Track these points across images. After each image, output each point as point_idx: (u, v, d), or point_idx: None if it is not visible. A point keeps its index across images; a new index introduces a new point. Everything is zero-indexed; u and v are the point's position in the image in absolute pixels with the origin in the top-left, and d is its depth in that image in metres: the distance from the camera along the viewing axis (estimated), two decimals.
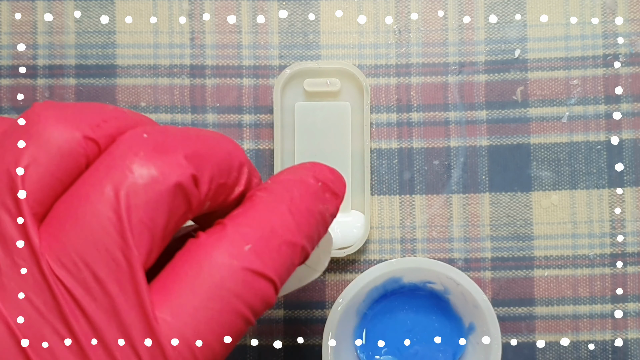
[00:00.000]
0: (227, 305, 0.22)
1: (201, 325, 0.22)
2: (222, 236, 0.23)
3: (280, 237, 0.24)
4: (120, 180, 0.21)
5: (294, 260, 0.24)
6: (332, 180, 0.26)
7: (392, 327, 0.38)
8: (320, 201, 0.26)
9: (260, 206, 0.24)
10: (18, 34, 0.39)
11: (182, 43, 0.39)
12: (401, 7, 0.39)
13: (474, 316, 0.36)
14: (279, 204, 0.24)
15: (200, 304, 0.22)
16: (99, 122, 0.23)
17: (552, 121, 0.39)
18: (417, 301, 0.38)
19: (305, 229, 0.24)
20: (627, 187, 0.38)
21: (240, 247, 0.23)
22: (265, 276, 0.23)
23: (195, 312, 0.22)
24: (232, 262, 0.22)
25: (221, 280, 0.22)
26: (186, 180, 0.22)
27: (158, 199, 0.22)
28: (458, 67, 0.39)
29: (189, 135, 0.24)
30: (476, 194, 0.39)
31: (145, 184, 0.21)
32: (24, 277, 0.21)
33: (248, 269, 0.23)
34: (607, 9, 0.39)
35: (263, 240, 0.23)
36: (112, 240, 0.21)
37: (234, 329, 0.23)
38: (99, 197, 0.21)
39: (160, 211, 0.22)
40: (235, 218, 0.24)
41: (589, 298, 0.38)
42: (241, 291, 0.23)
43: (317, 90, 0.38)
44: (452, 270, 0.35)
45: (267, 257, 0.23)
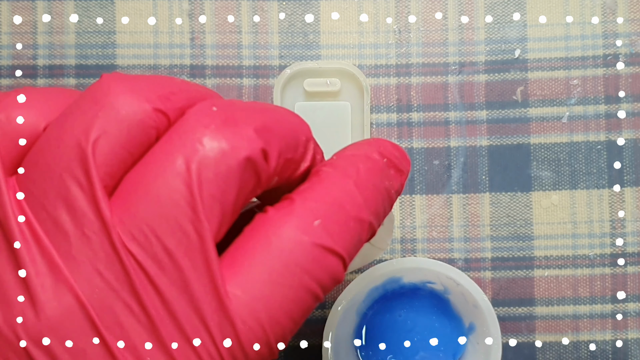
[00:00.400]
0: (297, 281, 0.22)
1: (271, 300, 0.22)
2: (291, 211, 0.23)
3: (348, 213, 0.23)
4: (192, 153, 0.21)
5: (362, 236, 0.24)
6: (396, 157, 0.26)
7: (392, 327, 0.38)
8: (385, 177, 0.25)
9: (327, 181, 0.24)
10: (18, 34, 0.39)
11: (182, 43, 0.39)
12: (401, 7, 0.39)
13: (474, 316, 0.36)
14: (346, 180, 0.24)
15: (271, 279, 0.22)
16: (168, 94, 0.23)
17: (552, 121, 0.39)
18: (417, 301, 0.38)
19: (372, 205, 0.24)
20: (627, 187, 0.38)
21: (309, 223, 0.23)
22: (335, 252, 0.23)
23: (266, 288, 0.22)
24: (302, 238, 0.22)
25: (291, 256, 0.22)
26: (256, 154, 0.22)
27: (229, 172, 0.21)
28: (458, 67, 0.39)
29: (257, 108, 0.23)
30: (476, 194, 0.39)
31: (216, 157, 0.21)
32: (94, 250, 0.21)
33: (318, 245, 0.22)
34: (607, 9, 0.39)
35: (332, 215, 0.23)
36: (184, 213, 0.21)
37: (303, 305, 0.23)
38: (170, 169, 0.21)
39: (231, 185, 0.22)
40: (303, 193, 0.23)
41: (589, 298, 0.38)
42: (311, 267, 0.22)
43: (317, 90, 0.38)
44: (452, 270, 0.35)
45: (336, 233, 0.23)
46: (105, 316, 0.21)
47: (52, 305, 0.21)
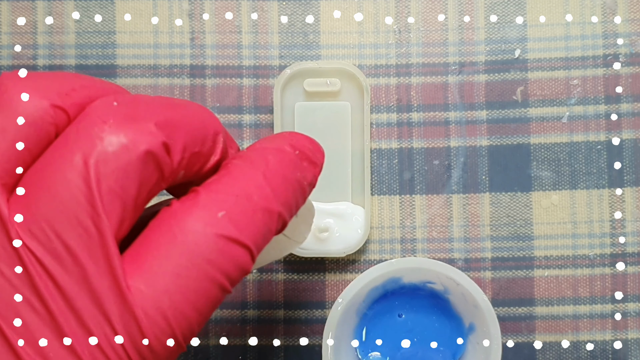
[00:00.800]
0: (201, 273, 0.22)
1: (175, 293, 0.22)
2: (195, 203, 0.23)
3: (256, 204, 0.23)
4: (90, 148, 0.21)
5: (270, 227, 0.24)
6: (309, 149, 0.26)
7: (392, 327, 0.38)
8: (297, 169, 0.25)
9: (235, 173, 0.24)
10: (18, 34, 0.39)
11: (182, 43, 0.39)
12: (401, 7, 0.39)
13: (474, 316, 0.36)
14: (254, 171, 0.24)
15: (174, 271, 0.22)
16: (68, 90, 0.22)
17: (552, 121, 0.39)
18: (417, 301, 0.38)
19: (281, 196, 0.24)
20: (627, 187, 0.38)
21: (213, 214, 0.23)
22: (240, 242, 0.23)
23: (169, 280, 0.22)
24: (205, 229, 0.22)
25: (195, 248, 0.22)
26: (157, 147, 0.22)
27: (128, 166, 0.21)
28: (458, 67, 0.39)
29: (161, 103, 0.23)
30: (476, 194, 0.39)
31: (114, 152, 0.21)
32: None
33: (222, 236, 0.22)
34: (607, 9, 0.39)
35: (237, 206, 0.23)
36: (82, 208, 0.21)
37: (210, 296, 0.23)
38: (69, 166, 0.21)
39: (131, 179, 0.21)
40: (209, 185, 0.23)
41: (589, 298, 0.38)
42: (216, 258, 0.22)
43: (317, 90, 0.38)
44: (452, 270, 0.35)
45: (242, 224, 0.23)
46: (6, 313, 0.21)
47: None
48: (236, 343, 0.39)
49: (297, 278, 0.39)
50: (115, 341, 0.21)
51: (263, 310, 0.39)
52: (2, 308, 0.21)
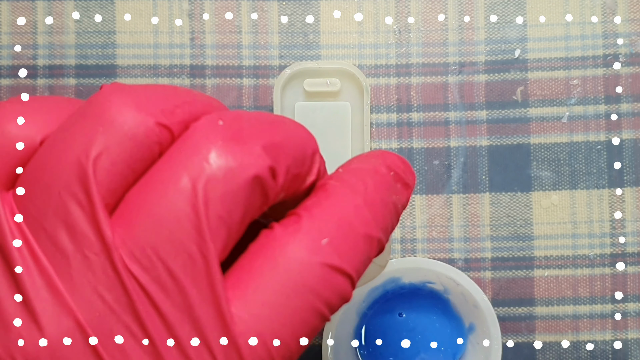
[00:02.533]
0: (304, 303, 0.22)
1: (278, 323, 0.21)
2: (298, 229, 0.22)
3: (357, 231, 0.23)
4: (198, 171, 0.20)
5: (370, 254, 0.23)
6: (403, 170, 0.25)
7: (392, 327, 0.38)
8: (393, 192, 0.25)
9: (335, 197, 0.23)
10: (18, 34, 0.39)
11: (182, 43, 0.39)
12: (401, 7, 0.39)
13: (474, 316, 0.36)
14: (354, 195, 0.23)
15: (277, 300, 0.21)
16: (172, 107, 0.22)
17: (552, 121, 0.39)
18: (417, 301, 0.38)
19: (380, 221, 0.24)
20: (627, 187, 0.38)
21: (317, 241, 0.22)
22: (343, 271, 0.22)
23: (272, 310, 0.21)
24: (309, 258, 0.22)
25: (298, 277, 0.22)
26: (264, 172, 0.21)
27: (236, 192, 0.21)
28: (458, 67, 0.39)
29: (264, 121, 0.23)
30: (476, 194, 0.39)
31: (223, 176, 0.21)
32: (95, 272, 0.20)
33: (326, 265, 0.22)
34: (607, 9, 0.39)
35: (340, 233, 0.22)
36: (188, 235, 0.20)
37: (311, 326, 0.22)
38: (175, 188, 0.20)
39: (238, 204, 0.21)
40: (309, 209, 0.23)
41: (589, 298, 0.38)
42: (319, 287, 0.22)
43: (317, 90, 0.38)
44: (452, 270, 0.35)
45: (345, 252, 0.22)
46: (106, 340, 0.20)
47: (52, 329, 0.20)
48: None
49: None
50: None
51: None
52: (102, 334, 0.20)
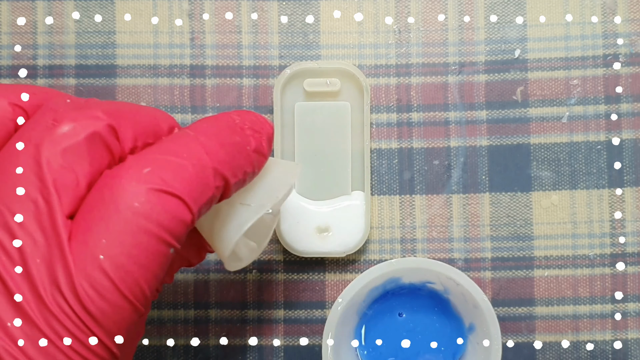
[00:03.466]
0: (136, 226, 0.23)
1: (113, 248, 0.23)
2: (121, 166, 0.24)
3: (184, 159, 0.25)
4: (41, 134, 0.24)
5: (206, 180, 0.25)
6: (251, 120, 0.28)
7: (392, 327, 0.38)
8: (234, 133, 0.27)
9: (167, 139, 0.26)
10: (18, 34, 0.39)
11: (182, 43, 0.39)
12: (401, 7, 0.39)
13: (474, 316, 0.36)
14: (185, 134, 0.26)
15: (110, 228, 0.23)
16: (25, 92, 0.25)
17: (552, 121, 0.39)
18: (417, 301, 0.38)
19: (216, 153, 0.25)
20: (627, 187, 0.38)
21: (139, 171, 0.24)
22: (170, 193, 0.24)
23: (106, 237, 0.23)
24: (130, 185, 0.24)
25: (126, 204, 0.23)
26: (103, 129, 0.24)
27: (77, 146, 0.24)
28: (458, 67, 0.39)
29: (114, 102, 0.26)
30: (476, 194, 0.39)
31: (63, 135, 0.24)
32: None
33: (151, 189, 0.24)
34: (607, 9, 0.39)
35: (164, 162, 0.24)
36: (33, 185, 0.23)
37: (151, 249, 0.24)
38: (22, 152, 0.24)
39: (81, 157, 0.24)
40: (138, 151, 0.25)
41: (589, 298, 0.38)
42: (147, 210, 0.23)
43: (317, 90, 0.38)
44: (452, 270, 0.35)
45: (170, 176, 0.24)
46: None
47: None
48: (236, 343, 0.39)
49: (297, 278, 0.39)
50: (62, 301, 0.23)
51: (263, 310, 0.39)
52: None
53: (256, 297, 0.39)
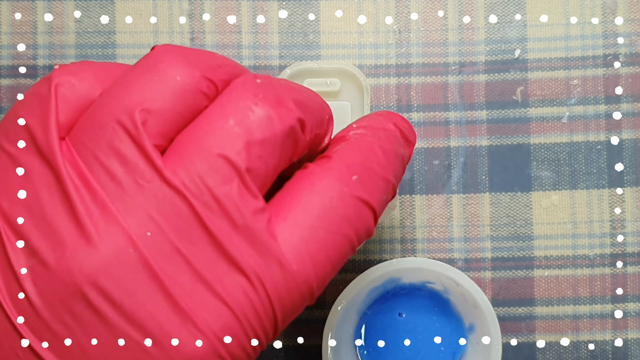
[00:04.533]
0: (338, 228, 0.24)
1: (314, 243, 0.23)
2: (331, 166, 0.25)
3: (378, 173, 0.25)
4: (243, 116, 0.23)
5: (387, 195, 0.26)
6: (406, 128, 0.28)
7: (392, 327, 0.38)
8: (400, 145, 0.27)
9: (357, 144, 0.26)
10: (18, 34, 0.39)
11: (182, 43, 0.39)
12: (401, 7, 0.39)
13: (474, 316, 0.36)
14: (372, 144, 0.26)
15: (315, 224, 0.24)
16: (215, 66, 0.24)
17: (552, 121, 0.39)
18: (417, 301, 0.38)
19: (394, 168, 0.26)
20: (627, 187, 0.38)
21: (348, 177, 0.24)
22: (370, 205, 0.25)
23: (310, 231, 0.23)
24: (342, 189, 0.24)
25: (333, 204, 0.24)
26: (297, 124, 0.24)
27: (275, 137, 0.23)
28: (458, 67, 0.39)
29: (291, 85, 0.25)
30: (476, 194, 0.39)
31: (265, 123, 0.23)
32: (146, 196, 0.22)
33: (356, 197, 0.24)
34: (607, 9, 0.39)
35: (366, 173, 0.25)
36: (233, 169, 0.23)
37: (342, 251, 0.24)
38: (223, 128, 0.23)
39: (275, 149, 0.23)
40: (337, 152, 0.25)
41: (589, 298, 0.38)
42: (350, 216, 0.24)
43: (317, 90, 0.38)
44: (452, 270, 0.35)
45: (370, 189, 0.25)
46: (158, 257, 0.22)
47: (106, 245, 0.22)
48: None
49: None
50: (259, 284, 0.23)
51: None
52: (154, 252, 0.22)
53: None
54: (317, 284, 0.24)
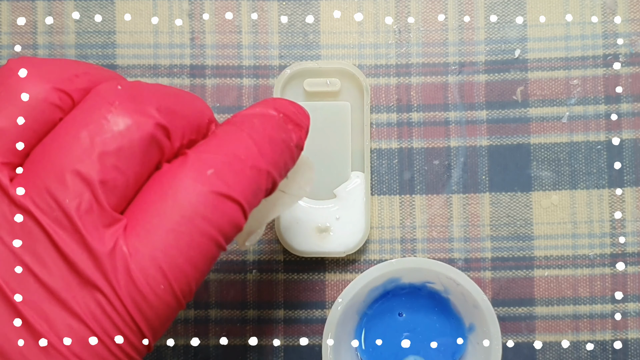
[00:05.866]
0: (194, 228, 0.23)
1: (170, 247, 0.23)
2: (184, 163, 0.24)
3: (243, 162, 0.24)
4: (97, 128, 0.23)
5: (259, 184, 0.25)
6: (293, 112, 0.27)
7: (392, 327, 0.38)
8: (282, 130, 0.26)
9: (222, 136, 0.25)
10: (18, 34, 0.39)
11: (182, 43, 0.39)
12: (401, 7, 0.39)
13: (474, 316, 0.36)
14: (241, 133, 0.25)
15: (168, 227, 0.23)
16: (71, 76, 0.24)
17: (552, 121, 0.39)
18: (417, 301, 0.38)
19: (268, 155, 0.25)
20: (627, 187, 0.38)
21: (203, 172, 0.24)
22: (231, 198, 0.24)
23: (164, 236, 0.23)
24: (195, 186, 0.23)
25: (187, 204, 0.23)
26: (157, 130, 0.23)
27: (131, 146, 0.23)
28: (458, 67, 0.39)
29: (160, 90, 0.24)
30: (476, 194, 0.39)
31: (119, 132, 0.23)
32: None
33: (213, 192, 0.23)
34: (607, 9, 0.39)
35: (225, 164, 0.24)
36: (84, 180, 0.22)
37: (204, 251, 0.23)
38: (75, 142, 0.22)
39: (134, 158, 0.23)
40: (197, 148, 0.25)
41: (589, 298, 0.38)
42: (208, 213, 0.23)
43: (317, 90, 0.38)
44: (452, 270, 0.35)
45: (231, 180, 0.24)
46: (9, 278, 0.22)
47: None
48: (236, 343, 0.39)
49: (297, 278, 0.39)
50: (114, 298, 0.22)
51: (263, 310, 0.39)
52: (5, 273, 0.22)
53: (256, 297, 0.39)
54: (179, 289, 0.23)
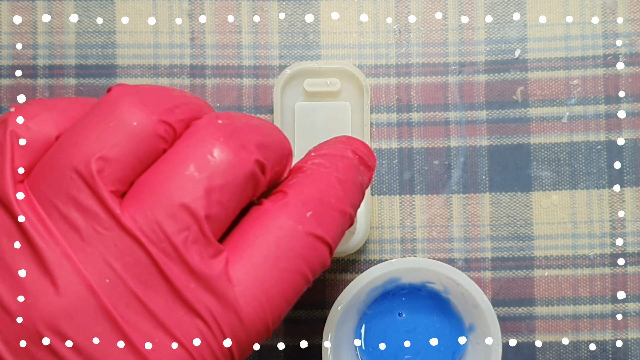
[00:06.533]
0: (292, 266, 0.25)
1: (270, 283, 0.24)
2: (286, 203, 0.25)
3: (334, 206, 0.26)
4: (203, 162, 0.23)
5: (344, 226, 0.27)
6: (365, 154, 0.29)
7: (392, 327, 0.38)
8: (359, 173, 0.28)
9: (313, 177, 0.26)
10: (18, 34, 0.39)
11: (182, 43, 0.39)
12: (401, 7, 0.39)
13: (474, 316, 0.36)
14: (329, 176, 0.26)
15: (269, 263, 0.24)
16: (172, 107, 0.24)
17: (552, 121, 0.39)
18: (417, 301, 0.38)
19: (351, 198, 0.27)
20: (627, 187, 0.38)
21: (303, 214, 0.25)
22: (324, 240, 0.25)
23: (265, 271, 0.24)
24: (297, 227, 0.25)
25: (287, 243, 0.24)
26: (257, 168, 0.24)
27: (235, 183, 0.24)
28: (458, 67, 0.39)
29: (252, 124, 0.26)
30: (476, 194, 0.39)
31: (225, 169, 0.24)
32: (105, 244, 0.23)
33: (310, 234, 0.25)
34: (607, 9, 0.39)
35: (321, 207, 0.25)
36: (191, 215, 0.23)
37: (296, 287, 0.25)
38: (182, 175, 0.23)
39: (236, 194, 0.24)
40: (293, 187, 0.26)
41: (589, 298, 0.38)
42: (305, 253, 0.25)
43: (317, 90, 0.38)
44: (452, 270, 0.35)
45: (325, 224, 0.25)
46: (117, 303, 0.23)
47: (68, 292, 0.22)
48: None
49: None
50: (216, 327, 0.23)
51: None
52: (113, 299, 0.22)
53: None
54: (272, 320, 0.25)
